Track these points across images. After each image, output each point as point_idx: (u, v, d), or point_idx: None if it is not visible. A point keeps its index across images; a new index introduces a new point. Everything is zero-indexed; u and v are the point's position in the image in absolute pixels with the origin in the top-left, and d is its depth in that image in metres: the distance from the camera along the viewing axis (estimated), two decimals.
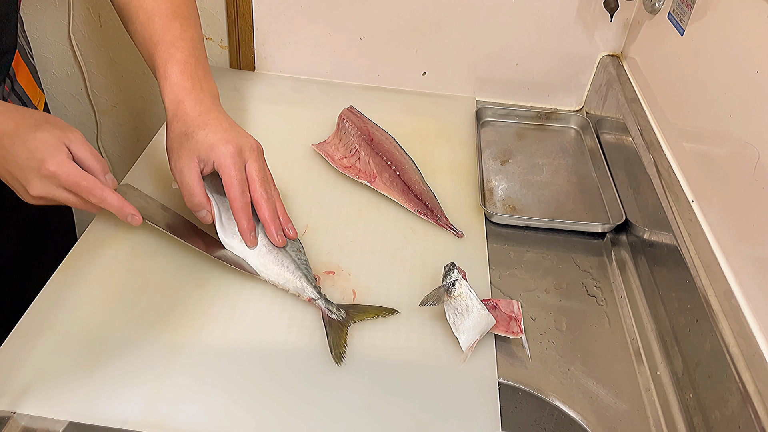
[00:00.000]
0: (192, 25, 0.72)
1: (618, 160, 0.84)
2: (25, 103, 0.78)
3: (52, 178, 0.58)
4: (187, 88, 0.66)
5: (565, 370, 0.61)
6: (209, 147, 0.62)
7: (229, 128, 0.64)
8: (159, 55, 0.68)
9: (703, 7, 0.71)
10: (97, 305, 0.61)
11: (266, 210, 0.64)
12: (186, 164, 0.62)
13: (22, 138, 0.57)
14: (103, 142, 1.24)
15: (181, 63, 0.67)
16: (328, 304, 0.62)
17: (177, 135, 0.64)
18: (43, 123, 0.59)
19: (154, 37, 0.69)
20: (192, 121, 0.64)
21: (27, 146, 0.57)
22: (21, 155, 0.57)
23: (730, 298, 0.56)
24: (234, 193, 0.62)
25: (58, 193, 0.59)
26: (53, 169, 0.57)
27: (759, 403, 0.47)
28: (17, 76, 0.76)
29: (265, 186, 0.65)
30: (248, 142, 0.65)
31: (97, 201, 0.60)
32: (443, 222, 0.75)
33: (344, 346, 0.59)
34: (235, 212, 0.63)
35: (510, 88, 1.01)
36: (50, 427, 0.52)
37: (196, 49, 0.70)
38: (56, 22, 1.07)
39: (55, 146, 0.58)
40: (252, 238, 0.64)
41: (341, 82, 1.03)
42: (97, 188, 0.59)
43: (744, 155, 0.58)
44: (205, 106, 0.66)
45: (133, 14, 0.71)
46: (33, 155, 0.57)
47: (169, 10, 0.70)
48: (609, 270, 0.73)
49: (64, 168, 0.58)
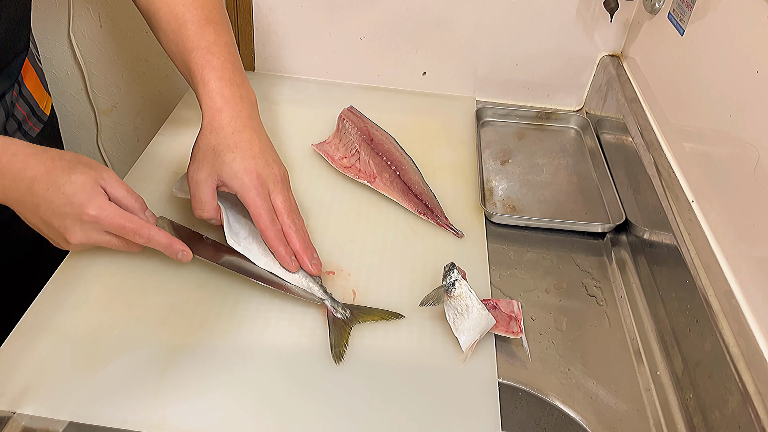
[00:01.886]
0: (225, 30, 0.71)
1: (618, 160, 0.84)
2: (32, 107, 0.77)
3: (94, 224, 0.56)
4: (226, 96, 0.65)
5: (565, 370, 0.61)
6: (232, 174, 0.61)
7: (259, 155, 0.63)
8: (195, 61, 0.67)
9: (703, 7, 0.71)
10: (97, 305, 0.61)
11: (297, 240, 0.63)
12: (204, 179, 0.62)
13: (56, 183, 0.55)
14: (103, 142, 1.24)
15: (218, 69, 0.66)
16: (334, 303, 0.62)
17: (205, 146, 0.63)
18: (77, 164, 0.57)
19: (188, 43, 0.68)
20: (224, 139, 0.63)
21: (63, 191, 0.55)
22: (57, 201, 0.55)
23: (730, 298, 0.56)
24: (264, 223, 0.61)
25: (100, 238, 0.58)
26: (95, 214, 0.56)
27: (759, 403, 0.47)
28: (25, 80, 0.76)
29: (293, 217, 0.64)
30: (272, 174, 0.64)
31: (144, 241, 0.59)
32: (443, 222, 0.75)
33: (345, 346, 0.59)
34: (269, 241, 0.62)
35: (510, 88, 1.01)
36: (50, 427, 0.52)
37: (232, 54, 0.69)
38: (56, 22, 1.07)
39: (93, 189, 0.56)
40: (293, 263, 0.63)
41: (341, 82, 1.03)
42: (143, 228, 0.58)
43: (744, 155, 0.58)
44: (241, 122, 0.64)
45: (164, 22, 0.70)
46: (70, 200, 0.55)
47: (201, 15, 0.69)
48: (609, 270, 0.73)
49: (106, 212, 0.56)
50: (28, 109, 0.77)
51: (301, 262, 0.64)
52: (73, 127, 1.22)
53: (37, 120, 0.79)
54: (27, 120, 0.77)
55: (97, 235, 0.58)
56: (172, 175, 0.78)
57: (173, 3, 0.70)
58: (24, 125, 0.77)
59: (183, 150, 0.83)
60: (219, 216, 0.64)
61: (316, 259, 0.65)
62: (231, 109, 0.65)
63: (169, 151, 0.83)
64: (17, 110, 0.75)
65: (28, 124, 0.77)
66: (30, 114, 0.77)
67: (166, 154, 0.82)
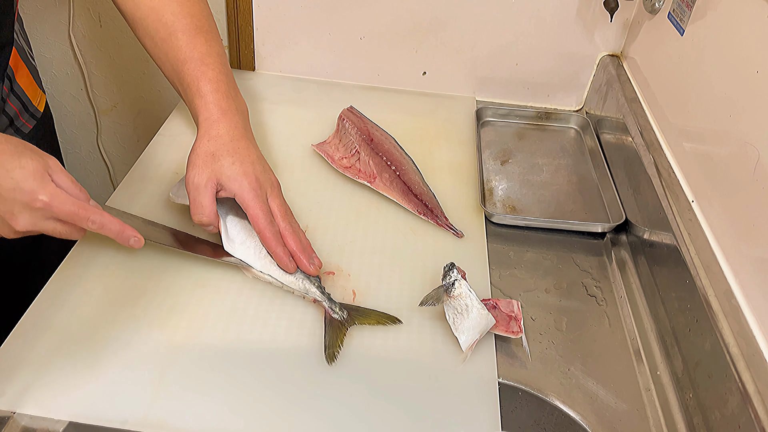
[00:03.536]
0: (215, 39, 0.72)
1: (618, 160, 0.84)
2: (25, 104, 0.77)
3: (44, 210, 0.54)
4: (223, 108, 0.67)
5: (565, 370, 0.61)
6: (232, 177, 0.63)
7: (256, 162, 0.66)
8: (188, 72, 0.68)
9: (703, 7, 0.71)
10: (97, 305, 0.61)
11: (293, 241, 0.64)
12: (204, 183, 0.63)
13: (4, 166, 0.52)
14: (103, 142, 1.24)
15: (214, 81, 0.68)
16: (332, 304, 0.62)
17: (204, 152, 0.64)
18: (24, 150, 0.54)
19: (179, 54, 0.69)
20: (223, 145, 0.65)
21: (11, 176, 0.52)
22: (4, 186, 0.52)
23: (730, 298, 0.56)
24: (262, 224, 0.62)
25: (47, 225, 0.55)
26: (47, 200, 0.53)
27: (759, 403, 0.47)
28: (16, 76, 0.75)
29: (289, 219, 0.65)
30: (269, 179, 0.66)
31: (96, 227, 0.57)
32: (443, 222, 0.75)
33: (339, 347, 0.59)
34: (267, 242, 0.63)
35: (510, 88, 1.01)
36: (50, 427, 0.52)
37: (224, 65, 0.71)
38: (56, 22, 1.07)
39: (42, 176, 0.53)
40: (291, 264, 0.63)
41: (341, 82, 1.03)
42: (95, 215, 0.56)
43: (744, 155, 0.58)
44: (238, 132, 0.67)
45: (152, 30, 0.70)
46: (20, 186, 0.52)
47: (191, 25, 0.70)
48: (609, 270, 0.73)
49: (58, 198, 0.54)
50: (21, 105, 0.76)
51: (299, 263, 0.64)
52: (73, 127, 1.22)
53: (30, 116, 0.79)
54: (19, 116, 0.77)
55: (44, 221, 0.55)
56: (172, 175, 0.78)
57: (161, 11, 0.70)
58: (16, 121, 0.76)
59: (182, 150, 0.83)
60: (217, 222, 0.64)
61: (315, 259, 0.65)
62: (228, 120, 0.67)
63: (169, 152, 0.83)
64: (8, 106, 0.74)
65: (21, 120, 0.77)
66: (22, 110, 0.77)
67: (165, 155, 0.82)
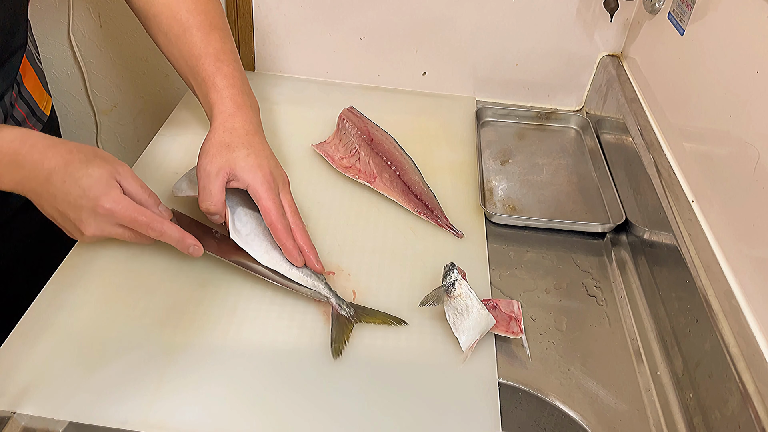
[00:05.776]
0: (228, 36, 0.73)
1: (618, 160, 0.84)
2: (32, 108, 0.77)
3: (108, 216, 0.57)
4: (239, 103, 0.68)
5: (565, 370, 0.61)
6: (246, 168, 0.63)
7: (270, 157, 0.67)
8: (204, 68, 0.69)
9: (703, 7, 0.71)
10: (97, 305, 0.61)
11: (302, 237, 0.65)
12: (216, 171, 0.63)
13: (73, 175, 0.56)
14: (103, 142, 1.24)
15: (229, 76, 0.69)
16: (339, 301, 0.62)
17: (218, 142, 0.65)
18: (94, 158, 0.58)
19: (194, 50, 0.70)
20: (238, 138, 0.65)
21: (79, 184, 0.56)
22: (73, 193, 0.56)
23: (730, 298, 0.56)
24: (274, 216, 0.63)
25: (113, 230, 0.59)
26: (110, 207, 0.57)
27: (759, 403, 0.47)
28: (24, 80, 0.75)
29: (298, 216, 0.66)
30: (281, 175, 0.67)
31: (156, 235, 0.60)
32: (443, 222, 0.75)
33: (345, 342, 0.59)
34: (278, 234, 0.63)
35: (510, 88, 1.01)
36: (50, 427, 0.52)
37: (237, 62, 0.72)
38: (56, 22, 1.07)
39: (108, 182, 0.58)
40: (300, 258, 0.64)
41: (341, 82, 1.03)
42: (156, 222, 0.59)
43: (744, 155, 0.58)
44: (253, 126, 0.68)
45: (165, 26, 0.71)
46: (86, 193, 0.56)
47: (205, 21, 0.71)
48: (609, 270, 0.73)
49: (120, 205, 0.57)
50: (28, 109, 0.77)
51: (307, 259, 0.64)
52: (73, 127, 1.22)
53: (36, 120, 0.79)
54: (26, 120, 0.77)
55: (111, 227, 0.59)
56: (172, 175, 0.78)
57: (176, 8, 0.71)
58: (23, 126, 0.76)
59: (183, 150, 0.83)
60: (224, 211, 0.64)
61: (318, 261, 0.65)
62: (243, 115, 0.68)
63: (169, 151, 0.83)
64: (16, 111, 0.75)
65: (28, 124, 0.77)
66: (30, 114, 0.77)
67: (166, 154, 0.82)
